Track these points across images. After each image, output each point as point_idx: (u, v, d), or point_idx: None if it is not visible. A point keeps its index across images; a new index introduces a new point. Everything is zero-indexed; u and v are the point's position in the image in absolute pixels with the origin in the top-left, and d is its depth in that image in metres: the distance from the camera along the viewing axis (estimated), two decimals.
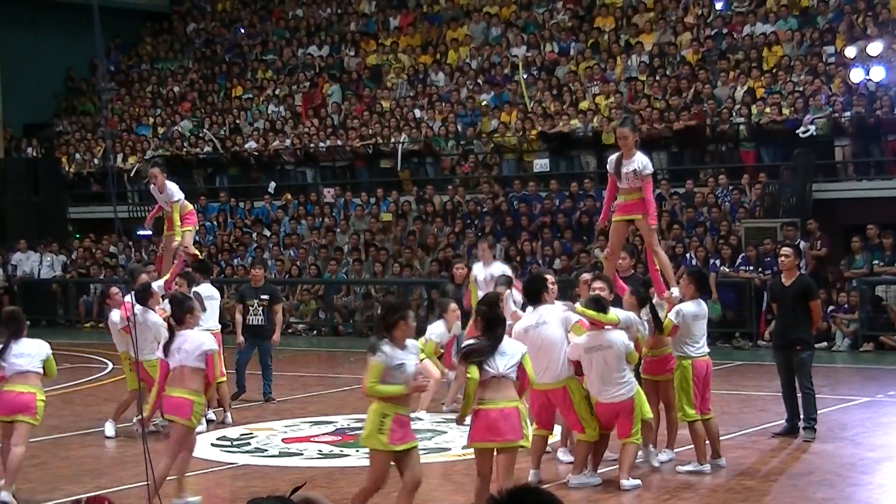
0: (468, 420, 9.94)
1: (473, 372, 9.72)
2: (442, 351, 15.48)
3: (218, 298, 16.29)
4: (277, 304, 17.54)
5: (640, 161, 12.48)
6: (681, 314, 12.01)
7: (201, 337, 11.39)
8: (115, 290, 15.67)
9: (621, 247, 12.98)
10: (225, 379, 15.70)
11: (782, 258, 13.93)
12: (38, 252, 30.51)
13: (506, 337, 10.02)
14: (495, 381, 9.74)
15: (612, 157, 12.70)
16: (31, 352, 11.66)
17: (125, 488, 12.25)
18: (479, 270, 16.11)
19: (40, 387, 11.69)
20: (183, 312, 11.45)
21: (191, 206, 16.58)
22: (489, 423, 9.72)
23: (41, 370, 11.67)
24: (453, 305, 15.71)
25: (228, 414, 15.64)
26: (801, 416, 13.65)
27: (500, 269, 15.89)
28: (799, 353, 13.53)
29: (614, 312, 11.44)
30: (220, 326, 15.85)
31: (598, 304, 11.37)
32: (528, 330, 11.19)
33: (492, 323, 9.93)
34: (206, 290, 15.65)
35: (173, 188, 15.93)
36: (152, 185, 16.12)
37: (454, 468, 12.65)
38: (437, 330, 15.49)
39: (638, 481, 11.59)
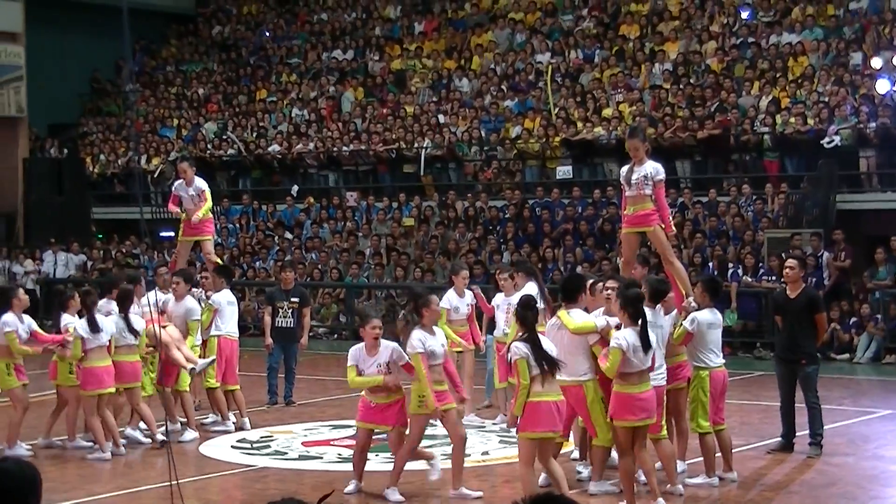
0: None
1: (525, 375, 10.41)
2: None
3: (236, 305, 16.15)
4: (306, 308, 17.51)
5: (652, 167, 12.42)
6: (695, 322, 11.92)
7: None
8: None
9: (635, 257, 12.92)
10: (238, 386, 15.64)
11: (787, 270, 13.74)
12: (53, 252, 30.57)
13: (541, 336, 10.72)
14: (541, 375, 10.45)
15: (625, 167, 12.69)
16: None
17: (146, 489, 12.29)
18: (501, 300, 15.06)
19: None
20: None
21: (210, 214, 16.45)
22: (545, 413, 10.42)
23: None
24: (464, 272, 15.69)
25: (246, 420, 15.47)
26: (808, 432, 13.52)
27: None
28: (804, 367, 13.33)
29: (593, 320, 11.43)
30: (237, 332, 15.78)
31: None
32: (552, 328, 11.46)
33: (528, 323, 10.58)
34: (226, 295, 15.55)
35: (201, 181, 15.98)
36: (179, 181, 15.97)
37: (472, 473, 12.61)
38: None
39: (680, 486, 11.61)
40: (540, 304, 11.58)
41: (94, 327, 13.57)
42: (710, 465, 12.02)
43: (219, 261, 16.89)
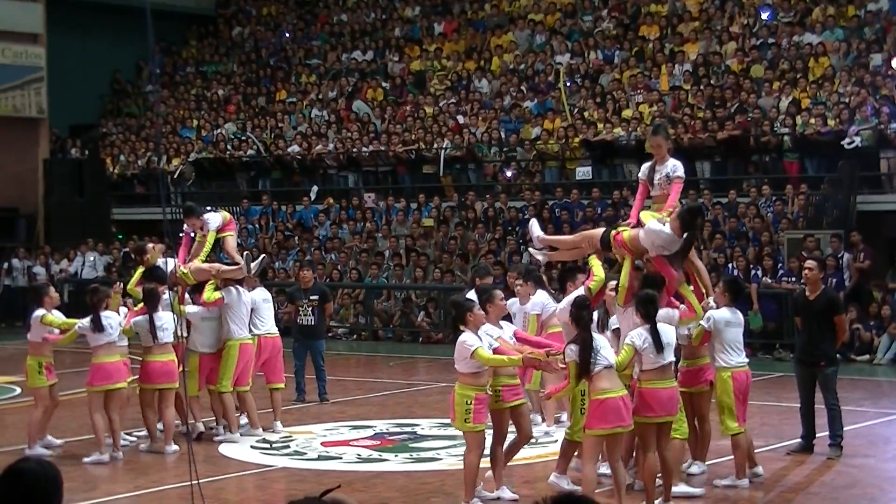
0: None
1: (575, 378, 10.59)
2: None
3: (271, 301, 15.95)
4: (327, 304, 17.97)
5: (672, 164, 12.38)
6: (711, 320, 11.89)
7: None
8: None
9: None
10: (283, 384, 15.65)
11: (806, 271, 13.71)
12: (81, 252, 30.70)
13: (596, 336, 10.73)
14: (607, 370, 10.49)
15: (646, 165, 12.61)
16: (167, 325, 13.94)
17: (166, 489, 12.32)
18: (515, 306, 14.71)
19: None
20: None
21: (229, 216, 16.09)
22: (613, 410, 10.41)
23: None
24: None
25: (278, 422, 15.34)
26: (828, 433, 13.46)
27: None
28: (823, 369, 13.29)
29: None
30: (276, 330, 15.72)
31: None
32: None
33: (582, 323, 10.64)
34: (261, 293, 15.51)
35: (210, 219, 15.08)
36: (187, 227, 15.19)
37: None
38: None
39: (698, 490, 11.55)
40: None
41: (98, 326, 13.57)
42: (740, 467, 11.94)
43: (240, 260, 16.68)
